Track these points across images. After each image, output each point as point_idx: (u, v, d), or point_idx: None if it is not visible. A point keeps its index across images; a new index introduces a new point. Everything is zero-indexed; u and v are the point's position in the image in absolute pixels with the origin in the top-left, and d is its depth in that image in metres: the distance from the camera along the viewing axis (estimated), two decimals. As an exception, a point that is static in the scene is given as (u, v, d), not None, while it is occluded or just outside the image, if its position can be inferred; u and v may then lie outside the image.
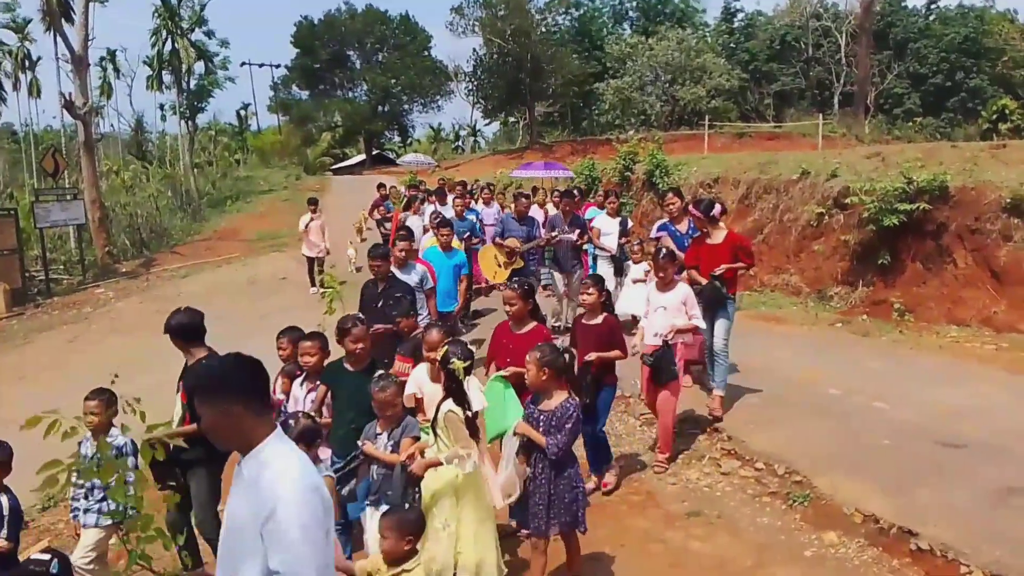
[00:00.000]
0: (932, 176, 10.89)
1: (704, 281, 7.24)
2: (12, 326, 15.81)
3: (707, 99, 37.07)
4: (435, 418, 4.49)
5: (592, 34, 46.25)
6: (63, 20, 25.16)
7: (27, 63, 43.94)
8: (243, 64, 78.16)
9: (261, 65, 65.43)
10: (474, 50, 45.37)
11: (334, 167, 53.12)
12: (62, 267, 21.54)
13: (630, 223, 10.84)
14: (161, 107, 64.16)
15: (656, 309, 6.47)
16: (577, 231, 9.97)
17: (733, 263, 6.98)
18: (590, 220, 10.95)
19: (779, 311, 11.58)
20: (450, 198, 12.88)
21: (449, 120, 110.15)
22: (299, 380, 5.50)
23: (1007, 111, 28.41)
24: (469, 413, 4.44)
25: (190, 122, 38.22)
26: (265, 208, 29.85)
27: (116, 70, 49.81)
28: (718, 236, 7.26)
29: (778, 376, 8.15)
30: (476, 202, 13.86)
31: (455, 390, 4.46)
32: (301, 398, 5.42)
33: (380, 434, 4.71)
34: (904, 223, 10.96)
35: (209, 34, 39.55)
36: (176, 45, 36.78)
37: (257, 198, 32.66)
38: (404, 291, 6.92)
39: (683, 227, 8.31)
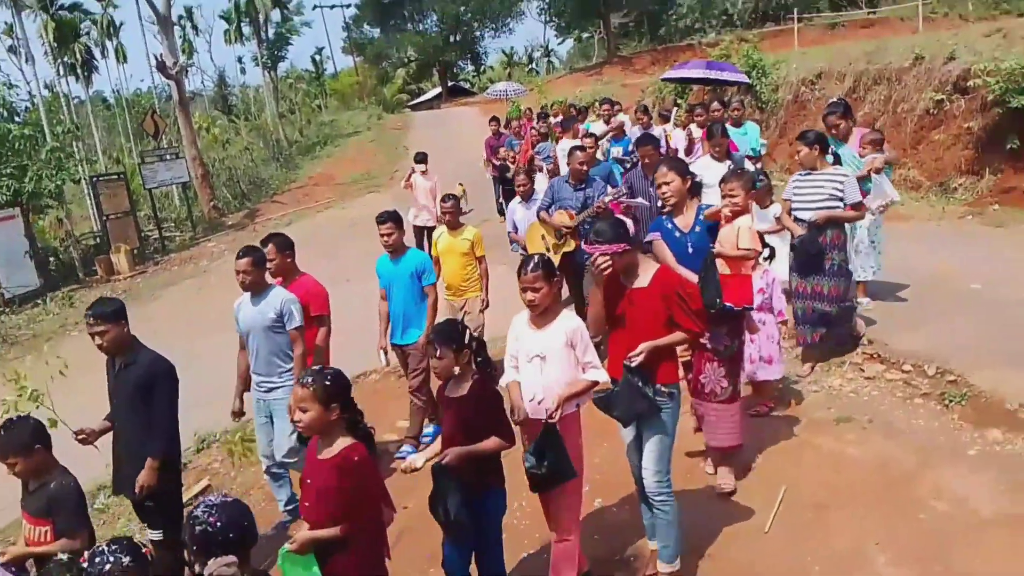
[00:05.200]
0: (1065, 47, 10.12)
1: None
2: (138, 284, 16.70)
3: (793, -10, 35.00)
4: None
5: (665, -67, 44.08)
6: (144, -18, 25.57)
7: (111, 30, 45.16)
8: (315, 7, 78.89)
9: (332, 7, 65.27)
10: (543, -35, 44.06)
11: (411, 103, 53.13)
12: (172, 224, 22.53)
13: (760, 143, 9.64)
14: (239, 60, 65.33)
15: (530, 359, 3.96)
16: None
17: (665, 329, 3.90)
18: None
19: (901, 208, 11.02)
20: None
21: (521, 43, 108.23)
22: None
23: None
24: None
25: (272, 72, 38.68)
26: (354, 151, 30.21)
27: (194, 27, 50.74)
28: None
29: (912, 275, 7.82)
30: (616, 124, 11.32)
31: None
32: None
33: None
34: (1034, 103, 10.26)
35: (281, -20, 39.61)
36: (252, -4, 37.07)
37: (344, 141, 33.06)
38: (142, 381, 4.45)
39: (685, 221, 5.00)
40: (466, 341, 3.80)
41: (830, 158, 6.25)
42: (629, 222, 3.94)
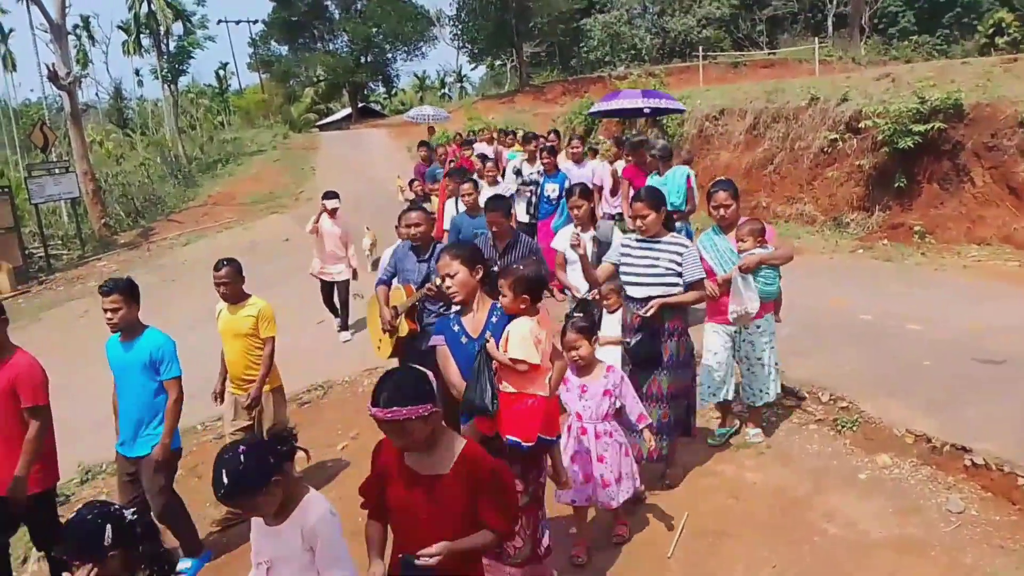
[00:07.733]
0: (946, 95, 10.80)
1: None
2: (19, 305, 15.65)
3: (698, 29, 36.49)
4: None
5: (577, -32, 45.15)
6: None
7: (-1, 36, 42.96)
8: (220, 22, 77.35)
9: (238, 22, 64.21)
10: (457, -9, 44.26)
11: (320, 123, 52.35)
12: (60, 242, 21.32)
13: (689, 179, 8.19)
14: (137, 72, 63.09)
15: (256, 565, 2.94)
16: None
17: (468, 524, 2.74)
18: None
19: (797, 241, 11.51)
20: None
21: (434, 67, 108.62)
22: None
23: (1004, 24, 27.99)
24: None
25: (173, 86, 37.38)
26: (257, 170, 29.43)
27: (91, 37, 48.86)
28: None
29: (807, 306, 8.08)
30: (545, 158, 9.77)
31: None
32: None
33: None
34: (919, 144, 10.90)
35: (185, -7, 38.46)
36: (153, 6, 35.85)
37: (247, 160, 32.18)
38: None
39: (475, 324, 3.93)
40: (135, 534, 2.59)
41: None
42: (430, 374, 2.75)
